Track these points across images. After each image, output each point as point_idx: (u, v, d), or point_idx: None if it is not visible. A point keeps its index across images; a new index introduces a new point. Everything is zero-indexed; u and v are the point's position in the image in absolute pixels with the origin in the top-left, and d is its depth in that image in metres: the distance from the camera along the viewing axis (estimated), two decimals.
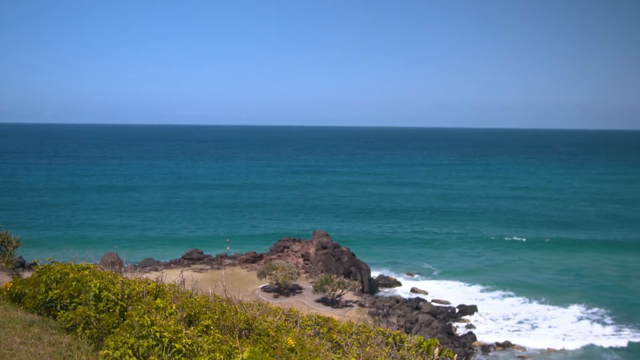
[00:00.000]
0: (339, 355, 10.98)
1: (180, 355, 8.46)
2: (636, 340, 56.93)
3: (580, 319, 62.05)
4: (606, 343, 56.06)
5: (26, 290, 12.01)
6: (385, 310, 58.76)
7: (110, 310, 10.20)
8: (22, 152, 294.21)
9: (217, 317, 10.15)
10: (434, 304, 64.34)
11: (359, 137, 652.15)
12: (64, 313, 10.48)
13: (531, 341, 56.10)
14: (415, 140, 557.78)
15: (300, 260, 72.23)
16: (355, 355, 11.16)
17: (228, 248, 77.83)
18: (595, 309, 64.63)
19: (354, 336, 13.68)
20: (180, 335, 8.67)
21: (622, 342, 56.30)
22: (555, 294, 69.68)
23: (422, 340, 13.53)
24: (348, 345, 12.34)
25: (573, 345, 55.49)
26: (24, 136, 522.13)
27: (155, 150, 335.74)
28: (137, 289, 10.91)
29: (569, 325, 60.33)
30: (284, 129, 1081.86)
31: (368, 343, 12.73)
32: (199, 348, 8.64)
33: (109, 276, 11.45)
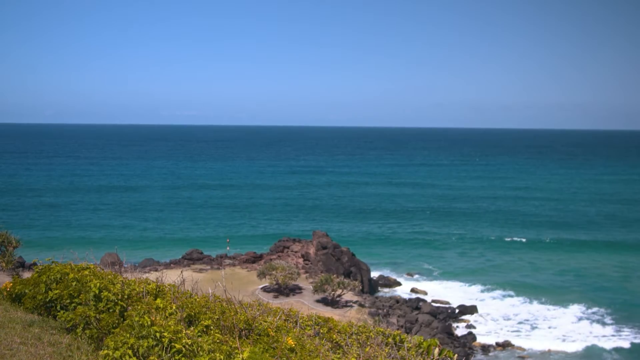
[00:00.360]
0: (339, 356, 10.97)
1: (180, 355, 8.45)
2: (636, 341, 56.92)
3: (580, 319, 62.03)
4: (606, 344, 56.05)
5: (26, 291, 12.00)
6: (385, 310, 58.73)
7: (110, 310, 10.19)
8: (22, 152, 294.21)
9: (217, 317, 10.15)
10: (434, 304, 64.32)
11: (359, 137, 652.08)
12: (64, 313, 10.47)
13: (531, 341, 56.08)
14: (415, 140, 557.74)
15: (300, 260, 72.21)
16: (355, 355, 11.15)
17: (228, 248, 77.85)
18: (595, 310, 64.62)
19: (354, 336, 13.67)
20: (180, 335, 8.66)
21: (622, 343, 56.30)
22: (556, 294, 69.67)
23: (422, 340, 13.52)
24: (348, 345, 12.34)
25: (573, 345, 55.47)
26: (24, 136, 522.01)
27: (155, 150, 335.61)
28: (137, 289, 10.90)
29: (569, 325, 60.32)
30: (284, 129, 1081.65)
31: (368, 343, 12.73)
32: (199, 348, 8.64)
33: (109, 276, 11.45)
